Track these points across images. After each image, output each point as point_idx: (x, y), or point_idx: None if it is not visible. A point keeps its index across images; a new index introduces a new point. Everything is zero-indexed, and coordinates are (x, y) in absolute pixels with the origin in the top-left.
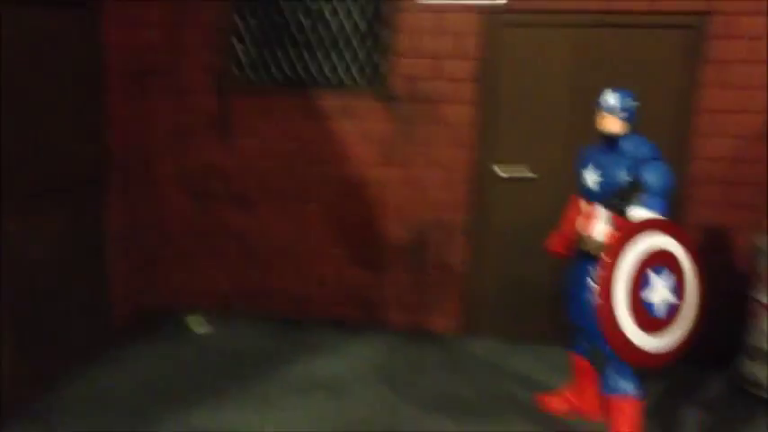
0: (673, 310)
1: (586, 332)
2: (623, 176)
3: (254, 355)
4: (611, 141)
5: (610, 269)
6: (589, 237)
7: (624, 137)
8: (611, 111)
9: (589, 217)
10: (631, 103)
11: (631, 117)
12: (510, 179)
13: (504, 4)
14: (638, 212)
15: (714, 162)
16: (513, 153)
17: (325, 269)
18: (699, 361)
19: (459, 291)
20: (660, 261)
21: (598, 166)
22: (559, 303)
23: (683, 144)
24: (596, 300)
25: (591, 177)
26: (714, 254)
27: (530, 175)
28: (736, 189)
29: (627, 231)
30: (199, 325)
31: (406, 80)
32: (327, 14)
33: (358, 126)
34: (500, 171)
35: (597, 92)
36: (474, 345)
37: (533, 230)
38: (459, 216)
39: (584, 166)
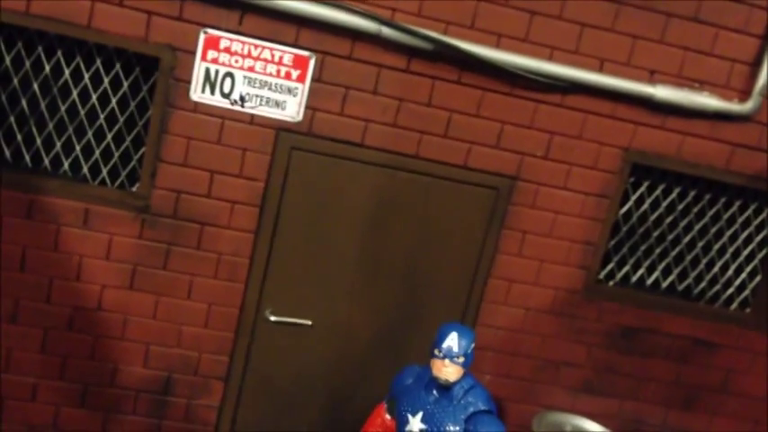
0: None
1: None
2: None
3: None
4: (442, 385)
5: None
6: None
7: (458, 382)
8: (451, 357)
9: None
10: (471, 346)
11: (468, 361)
12: (281, 323)
13: (300, 122)
14: None
15: (497, 330)
16: (288, 294)
17: (37, 409)
18: None
19: None
20: None
21: (423, 411)
22: None
23: (473, 308)
24: None
25: (415, 424)
26: None
27: (305, 321)
28: (514, 360)
29: None
30: None
31: (170, 192)
32: (75, 94)
33: (98, 237)
34: (271, 313)
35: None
36: None
37: (303, 382)
38: (219, 359)
39: (406, 404)
